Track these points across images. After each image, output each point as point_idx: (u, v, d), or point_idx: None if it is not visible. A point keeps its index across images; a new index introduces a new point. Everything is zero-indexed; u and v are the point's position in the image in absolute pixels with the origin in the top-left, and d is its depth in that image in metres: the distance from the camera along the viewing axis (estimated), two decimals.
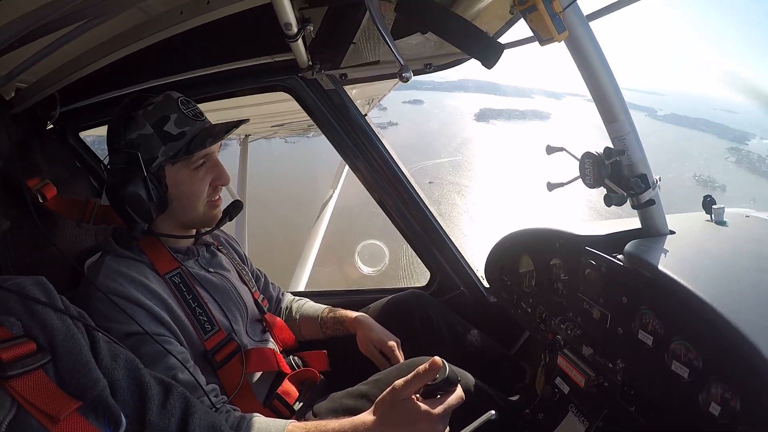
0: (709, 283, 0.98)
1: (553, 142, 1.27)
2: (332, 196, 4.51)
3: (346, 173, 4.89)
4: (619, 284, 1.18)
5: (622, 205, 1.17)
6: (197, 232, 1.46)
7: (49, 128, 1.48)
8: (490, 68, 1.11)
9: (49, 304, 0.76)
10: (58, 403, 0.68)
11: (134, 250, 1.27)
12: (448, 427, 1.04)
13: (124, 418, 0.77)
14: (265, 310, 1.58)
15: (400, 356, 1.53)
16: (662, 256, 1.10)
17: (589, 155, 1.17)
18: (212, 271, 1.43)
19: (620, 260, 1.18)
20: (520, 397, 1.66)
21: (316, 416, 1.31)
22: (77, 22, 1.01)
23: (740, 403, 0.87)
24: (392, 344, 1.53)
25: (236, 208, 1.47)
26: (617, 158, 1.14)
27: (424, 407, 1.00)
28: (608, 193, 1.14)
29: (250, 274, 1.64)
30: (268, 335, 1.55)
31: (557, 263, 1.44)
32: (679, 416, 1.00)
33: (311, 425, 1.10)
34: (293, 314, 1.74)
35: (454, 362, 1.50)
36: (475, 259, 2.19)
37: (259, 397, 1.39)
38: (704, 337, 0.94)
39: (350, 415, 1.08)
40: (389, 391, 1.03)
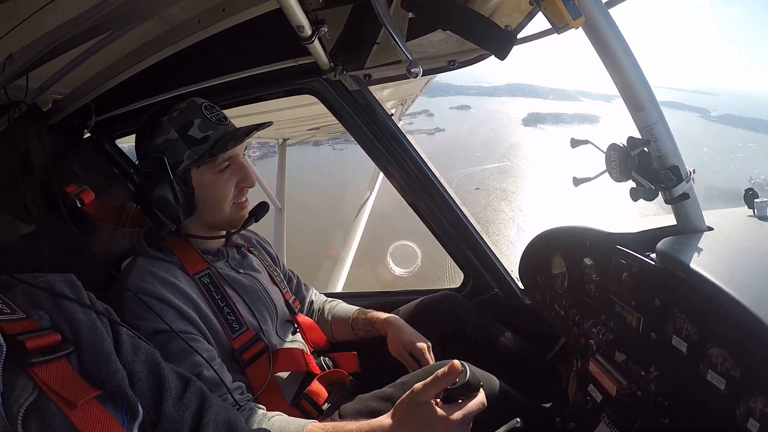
0: (748, 284, 0.86)
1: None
2: (369, 198, 4.50)
3: (382, 175, 4.88)
4: (651, 285, 1.08)
5: (651, 199, 1.07)
6: (227, 233, 1.48)
7: (86, 137, 1.56)
8: (502, 59, 1.06)
9: (75, 299, 0.80)
10: (77, 390, 0.71)
11: (165, 251, 1.31)
12: None
13: (141, 408, 0.80)
14: (296, 311, 1.58)
15: (430, 359, 1.48)
16: (697, 254, 0.99)
17: (614, 147, 1.08)
18: (242, 272, 1.44)
19: (653, 259, 1.08)
20: (553, 404, 1.57)
21: (342, 417, 1.29)
22: (102, 33, 1.06)
23: None
24: (422, 346, 1.49)
25: (262, 209, 1.49)
26: (644, 149, 1.05)
27: (441, 412, 0.97)
28: (636, 186, 1.05)
29: (281, 275, 1.65)
30: (298, 336, 1.55)
31: (589, 263, 1.35)
32: (715, 431, 0.90)
33: (330, 426, 1.09)
34: (325, 315, 1.73)
35: (486, 366, 1.45)
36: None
37: (287, 396, 1.39)
38: (743, 344, 0.83)
39: (375, 417, 1.06)
40: (408, 393, 1.00)
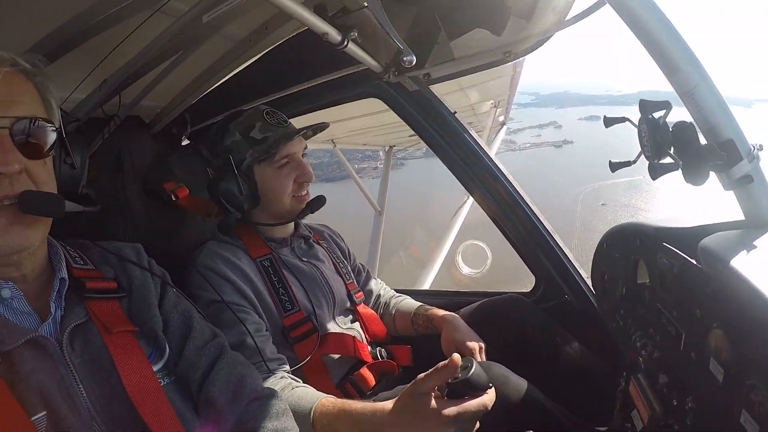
0: None
1: None
2: (466, 201, 4.36)
3: None
4: (691, 291, 0.85)
5: (696, 182, 0.84)
6: (296, 224, 1.62)
7: (185, 144, 1.87)
8: (499, 35, 0.97)
9: (135, 262, 1.02)
10: (117, 322, 0.90)
11: (233, 236, 1.49)
12: None
13: (168, 349, 0.96)
14: (357, 301, 1.65)
15: (480, 359, 1.41)
16: (750, 254, 0.75)
17: (645, 119, 0.89)
18: (305, 260, 1.56)
19: (696, 259, 0.85)
20: (608, 428, 1.32)
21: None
22: (174, 55, 1.29)
23: None
24: (473, 346, 1.44)
25: (318, 202, 1.58)
26: (681, 122, 0.84)
27: (435, 405, 0.94)
28: (654, 164, 0.84)
29: (349, 268, 1.73)
30: (356, 325, 1.62)
31: (641, 264, 1.11)
32: None
33: (339, 402, 1.14)
34: (390, 309, 1.77)
35: (547, 375, 1.38)
36: None
37: (334, 378, 1.46)
38: None
39: None
40: (413, 382, 0.99)
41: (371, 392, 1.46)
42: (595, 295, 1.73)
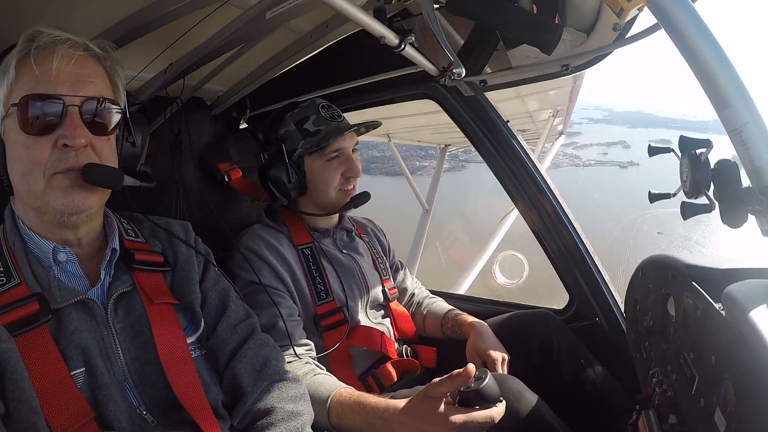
0: None
1: None
2: (511, 212, 4.20)
3: None
4: (711, 337, 0.80)
5: (735, 225, 0.79)
6: (340, 216, 1.66)
7: (243, 127, 1.96)
8: (549, 53, 0.95)
9: (182, 239, 1.10)
10: (160, 293, 0.98)
11: (279, 222, 1.55)
12: None
13: (203, 324, 1.04)
14: (390, 298, 1.67)
15: (501, 370, 1.41)
16: None
17: (687, 154, 0.84)
18: (345, 252, 1.60)
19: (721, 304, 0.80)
20: None
21: (392, 398, 1.34)
22: (238, 45, 1.38)
23: None
24: (496, 356, 1.43)
25: (362, 197, 1.60)
26: (723, 160, 0.78)
27: (443, 411, 0.99)
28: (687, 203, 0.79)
29: (387, 264, 1.75)
30: (387, 321, 1.64)
31: (671, 300, 1.05)
32: None
33: (356, 394, 1.18)
34: (422, 309, 1.79)
35: (565, 396, 1.39)
36: None
37: (357, 369, 1.50)
38: None
39: None
40: (428, 385, 1.04)
41: (391, 388, 1.48)
42: (626, 321, 1.65)
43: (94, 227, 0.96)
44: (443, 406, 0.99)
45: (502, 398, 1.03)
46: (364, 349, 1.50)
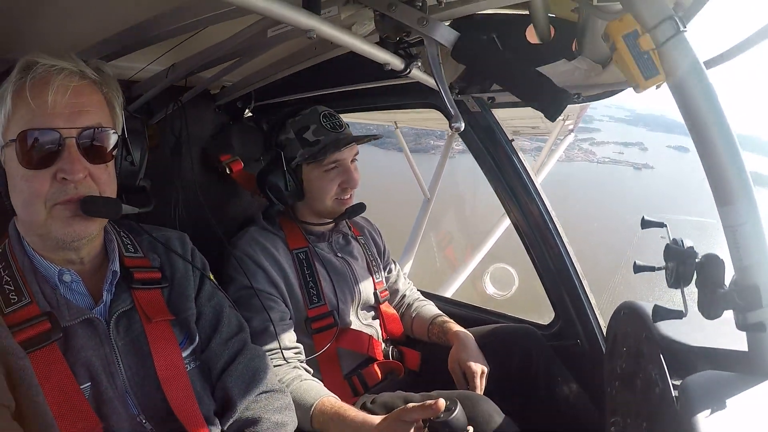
0: None
1: None
2: (503, 221, 4.04)
3: None
4: (662, 417, 0.81)
5: (710, 315, 0.78)
6: (335, 223, 1.62)
7: (247, 116, 1.90)
8: (552, 120, 0.91)
9: (179, 254, 1.10)
10: (158, 311, 1.00)
11: (275, 226, 1.54)
12: None
13: (198, 338, 1.06)
14: (381, 300, 1.67)
15: (479, 384, 1.43)
16: (731, 407, 0.70)
17: (675, 245, 0.82)
18: (339, 255, 1.59)
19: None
20: None
21: (374, 402, 1.39)
22: (241, 55, 1.32)
23: None
24: (475, 369, 1.44)
25: (358, 209, 1.57)
26: (711, 256, 0.76)
27: None
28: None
29: (381, 266, 1.75)
30: (376, 322, 1.66)
31: (642, 359, 1.06)
32: None
33: (338, 404, 1.23)
34: (411, 311, 1.80)
35: (539, 412, 1.43)
36: None
37: (344, 369, 1.52)
38: None
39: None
40: (400, 409, 1.08)
41: (375, 387, 1.52)
42: (605, 349, 1.67)
43: (95, 246, 0.98)
44: (413, 430, 1.04)
45: (469, 427, 1.07)
46: (350, 350, 1.54)
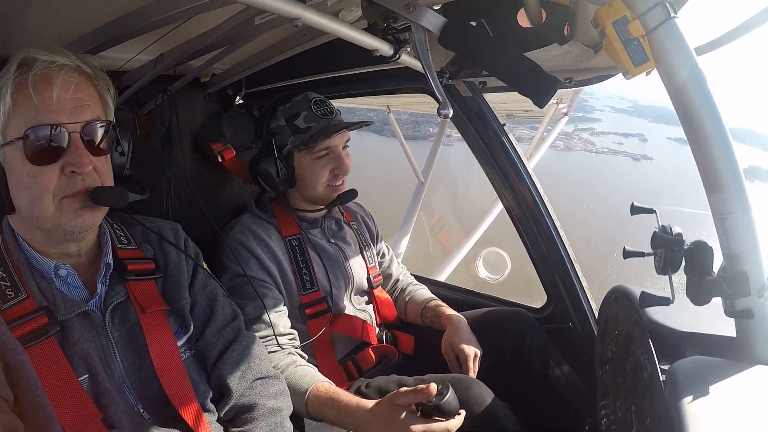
0: None
1: None
2: (496, 206, 3.99)
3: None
4: (650, 400, 0.82)
5: (699, 301, 0.78)
6: (327, 210, 1.63)
7: (238, 103, 1.86)
8: (541, 107, 0.89)
9: (173, 243, 1.10)
10: (152, 302, 1.00)
11: (268, 213, 1.52)
12: None
13: (192, 327, 1.06)
14: (374, 285, 1.67)
15: (472, 367, 1.43)
16: (716, 392, 0.71)
17: (663, 232, 0.81)
18: (332, 241, 1.58)
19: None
20: None
21: (368, 386, 1.39)
22: (230, 43, 1.28)
23: None
24: (468, 353, 1.44)
25: (350, 195, 1.57)
26: (700, 243, 0.76)
27: (405, 418, 1.04)
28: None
29: (374, 251, 1.74)
30: (370, 307, 1.65)
31: (632, 345, 1.07)
32: None
33: (332, 390, 1.22)
34: (404, 295, 1.79)
35: (531, 394, 1.43)
36: None
37: (338, 354, 1.52)
38: None
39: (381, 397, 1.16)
40: (394, 393, 1.09)
41: (369, 372, 1.52)
42: (597, 332, 1.68)
43: (92, 236, 0.98)
44: (406, 414, 1.05)
45: (461, 410, 1.08)
46: (345, 335, 1.54)
